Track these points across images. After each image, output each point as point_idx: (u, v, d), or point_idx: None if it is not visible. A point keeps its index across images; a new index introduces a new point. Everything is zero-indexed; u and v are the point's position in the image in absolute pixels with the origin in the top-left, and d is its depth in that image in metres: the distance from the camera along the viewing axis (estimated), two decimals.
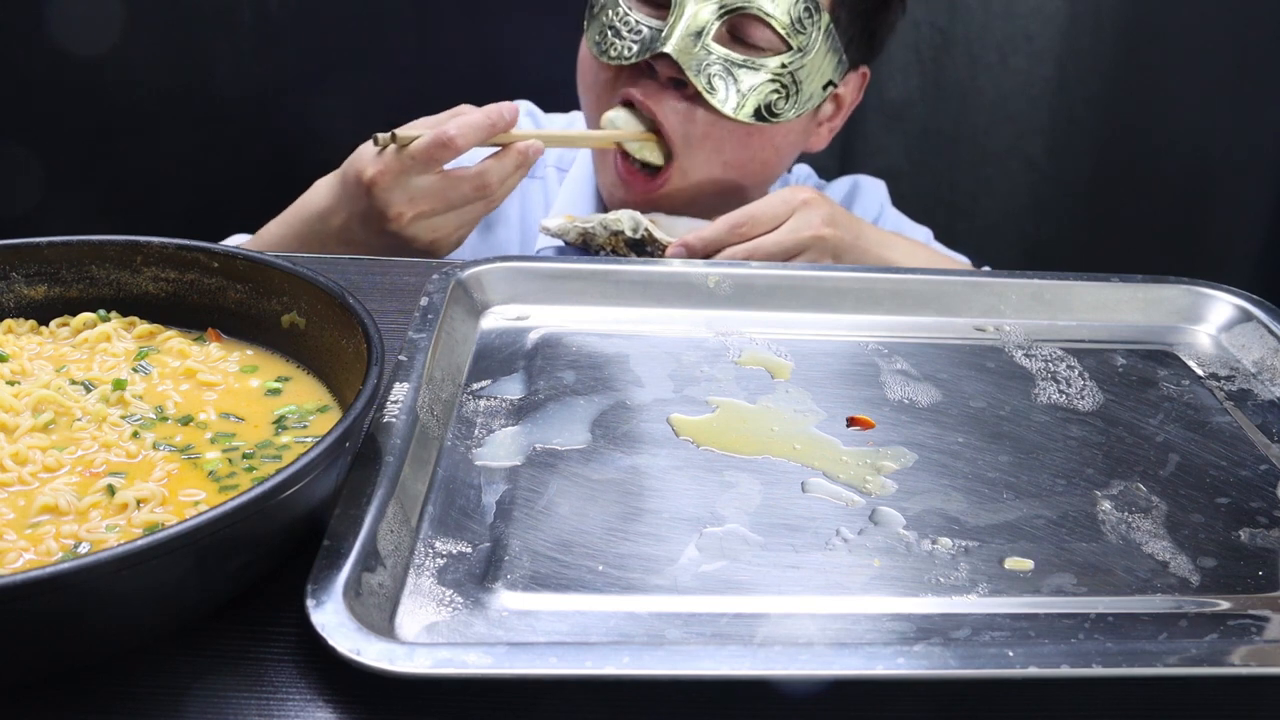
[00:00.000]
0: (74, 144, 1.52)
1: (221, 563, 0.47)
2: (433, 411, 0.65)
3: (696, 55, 0.99)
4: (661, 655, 0.49)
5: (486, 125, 0.92)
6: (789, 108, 1.03)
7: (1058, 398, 0.73)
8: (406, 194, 0.92)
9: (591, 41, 1.06)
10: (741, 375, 0.74)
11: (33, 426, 0.57)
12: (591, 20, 1.07)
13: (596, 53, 1.05)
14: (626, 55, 1.02)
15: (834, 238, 0.98)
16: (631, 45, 1.02)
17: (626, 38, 1.02)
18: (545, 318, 0.79)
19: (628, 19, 1.02)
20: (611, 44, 1.03)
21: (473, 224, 0.97)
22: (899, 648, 0.49)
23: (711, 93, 1.00)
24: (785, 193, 0.99)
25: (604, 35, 1.04)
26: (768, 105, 1.02)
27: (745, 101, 1.01)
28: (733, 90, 1.00)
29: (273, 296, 0.65)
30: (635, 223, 0.96)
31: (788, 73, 1.01)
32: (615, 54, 1.02)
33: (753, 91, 1.01)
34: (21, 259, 0.66)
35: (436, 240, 0.95)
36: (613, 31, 1.03)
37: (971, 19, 1.53)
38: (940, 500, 0.62)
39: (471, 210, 0.95)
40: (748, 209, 0.97)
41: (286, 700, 0.48)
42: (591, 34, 1.06)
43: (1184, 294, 0.83)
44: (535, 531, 0.58)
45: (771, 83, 1.01)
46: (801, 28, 1.01)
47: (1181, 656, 0.49)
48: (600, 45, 1.04)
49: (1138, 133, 1.58)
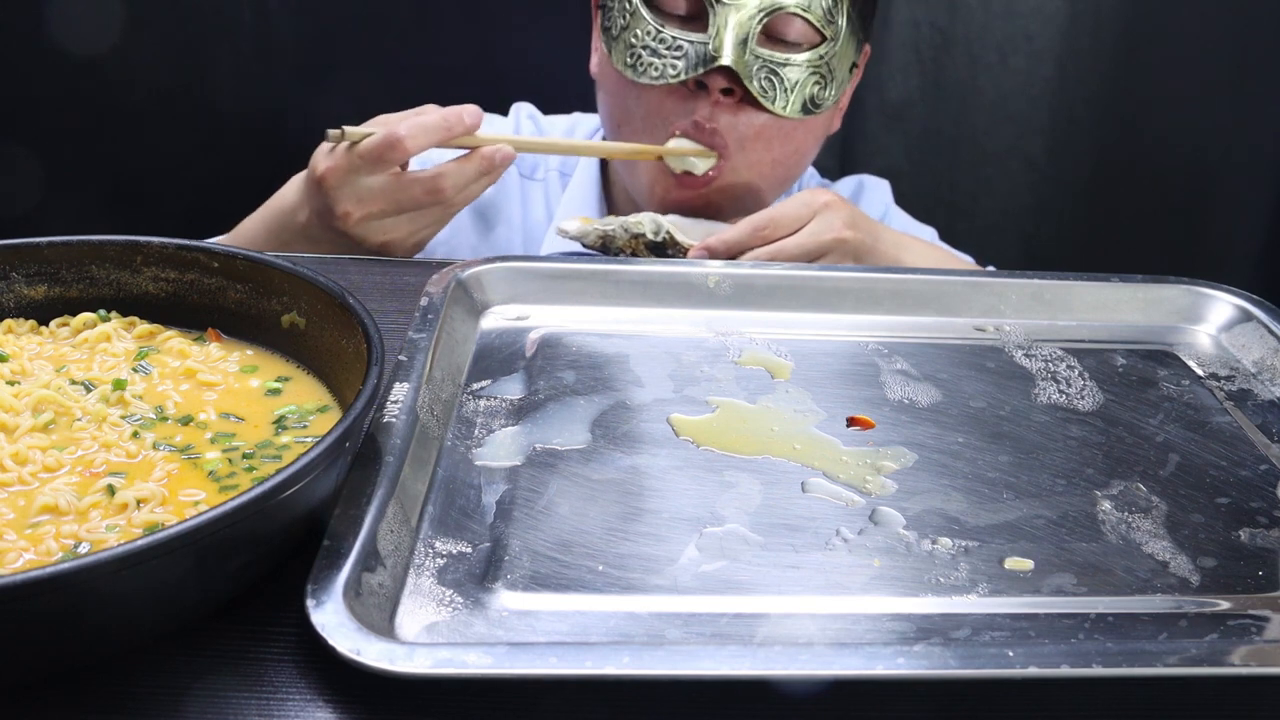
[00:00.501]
0: (74, 144, 1.51)
1: (221, 563, 0.47)
2: (433, 411, 0.65)
3: (747, 62, 0.99)
4: (661, 655, 0.49)
5: (441, 128, 0.90)
6: (828, 96, 1.04)
7: (1058, 398, 0.73)
8: (355, 193, 0.89)
9: (622, 64, 1.03)
10: (741, 375, 0.74)
11: (33, 426, 0.57)
12: (614, 42, 1.04)
13: (633, 75, 1.02)
14: (673, 73, 1.00)
15: (855, 240, 0.98)
16: (675, 63, 1.00)
17: (666, 56, 1.00)
18: (545, 318, 0.79)
19: (662, 36, 1.01)
20: (650, 64, 1.01)
21: (432, 228, 0.94)
22: (899, 648, 0.49)
23: (764, 95, 1.00)
24: (805, 195, 0.99)
25: (637, 57, 1.02)
26: (811, 97, 1.02)
27: (792, 99, 1.01)
28: (780, 89, 1.00)
29: (273, 296, 0.65)
30: (656, 225, 0.95)
31: (824, 63, 1.02)
32: (659, 73, 1.01)
33: (797, 87, 1.01)
34: (21, 259, 0.66)
35: (388, 242, 0.92)
36: (648, 51, 1.01)
37: (971, 19, 1.53)
38: (940, 500, 0.62)
39: (426, 215, 0.92)
40: (769, 212, 0.97)
41: (286, 700, 0.48)
42: (619, 57, 1.03)
43: (1184, 294, 0.83)
44: (535, 531, 0.58)
45: (812, 75, 1.02)
46: (832, 17, 1.02)
47: (1181, 656, 0.49)
48: (636, 67, 1.02)
49: (1138, 133, 1.58)
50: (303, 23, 1.49)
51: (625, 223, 0.96)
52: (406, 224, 0.92)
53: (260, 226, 1.00)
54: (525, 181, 1.21)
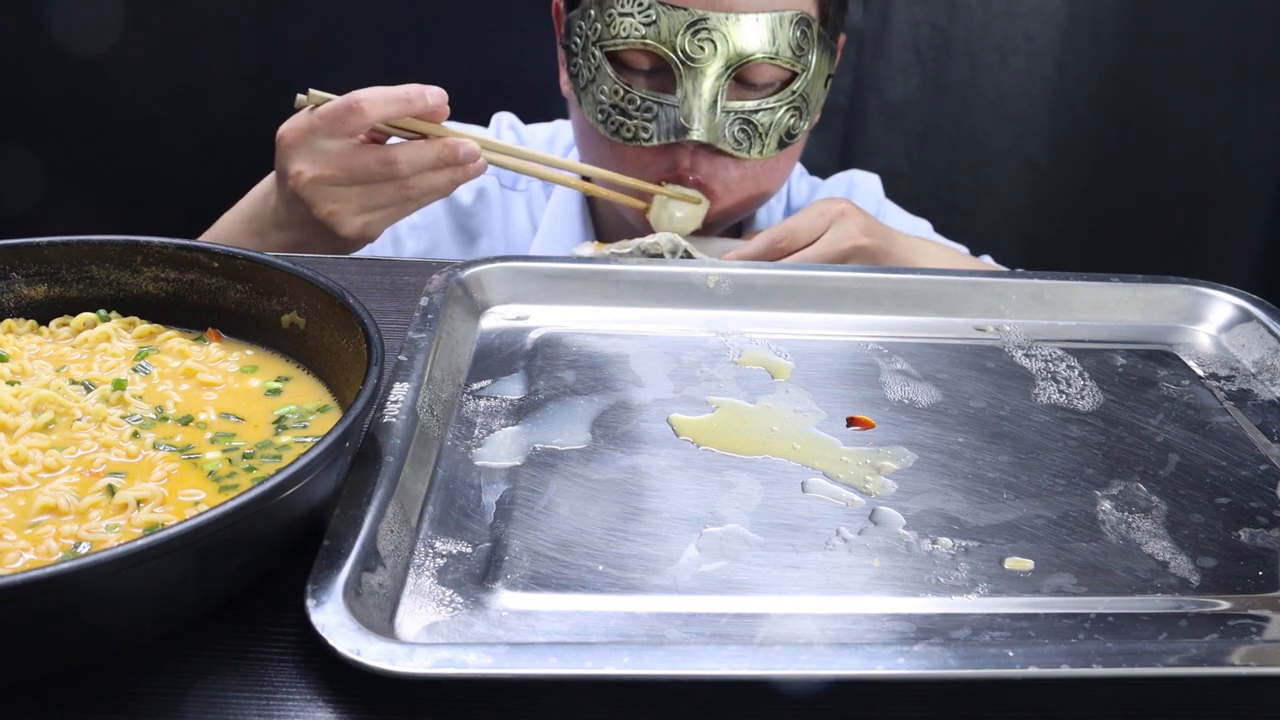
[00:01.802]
0: (74, 144, 1.52)
1: (221, 563, 0.47)
2: (433, 411, 0.65)
3: (718, 124, 0.98)
4: (661, 655, 0.49)
5: (401, 99, 0.87)
6: (804, 123, 1.03)
7: (1058, 398, 0.73)
8: (310, 153, 0.88)
9: (594, 119, 1.02)
10: (741, 375, 0.74)
11: (33, 426, 0.57)
12: (582, 93, 1.03)
13: (605, 132, 1.01)
14: (645, 136, 0.99)
15: (872, 246, 0.98)
16: (647, 126, 0.99)
17: (637, 118, 0.99)
18: (545, 318, 0.79)
19: (630, 97, 0.99)
20: (622, 124, 1.00)
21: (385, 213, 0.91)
22: (899, 648, 0.49)
23: (739, 147, 0.99)
24: (821, 205, 0.99)
25: (607, 115, 1.01)
26: (787, 131, 1.01)
27: (768, 142, 1.00)
28: (755, 137, 1.00)
29: (273, 296, 0.65)
30: (674, 244, 0.94)
31: (798, 95, 1.01)
32: (630, 135, 1.00)
33: (772, 128, 1.00)
34: (21, 259, 0.66)
35: (335, 213, 0.89)
36: (617, 111, 1.00)
37: (971, 19, 1.53)
38: (940, 500, 0.62)
39: (380, 193, 0.89)
40: (786, 225, 0.97)
41: (286, 700, 0.48)
42: (589, 111, 1.02)
43: (1184, 294, 0.83)
44: (535, 531, 0.58)
45: (787, 111, 1.01)
46: (800, 51, 1.00)
47: (1181, 656, 0.49)
48: (608, 124, 1.01)
49: (1138, 133, 1.58)
50: (303, 23, 1.49)
51: (642, 244, 0.94)
52: (358, 197, 0.89)
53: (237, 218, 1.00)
54: (506, 192, 1.21)
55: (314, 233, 0.91)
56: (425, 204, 0.92)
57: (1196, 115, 1.56)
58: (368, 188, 0.89)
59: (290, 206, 0.91)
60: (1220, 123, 1.56)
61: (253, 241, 0.96)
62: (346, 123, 0.86)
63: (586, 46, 1.01)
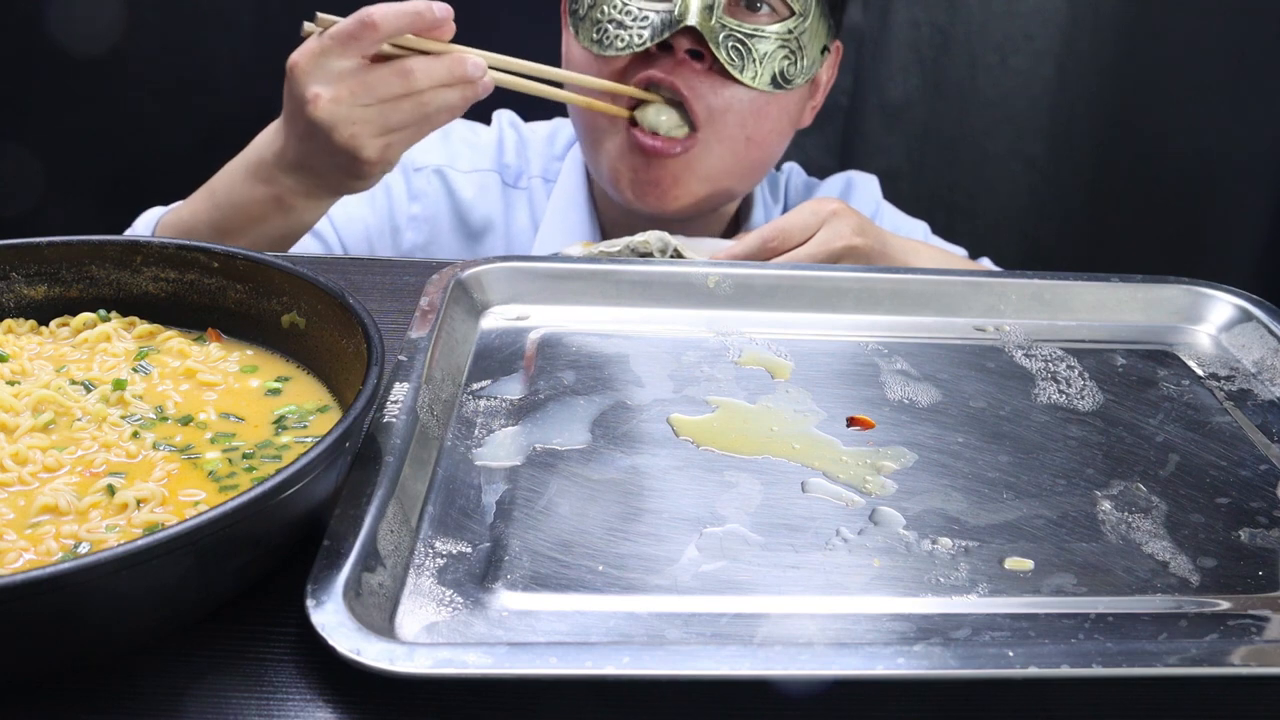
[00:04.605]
0: (74, 144, 1.51)
1: (221, 563, 0.47)
2: (433, 411, 0.65)
3: (714, 27, 1.00)
4: (661, 655, 0.49)
5: (412, 12, 0.86)
6: (798, 73, 1.04)
7: (1058, 398, 0.73)
8: (325, 75, 0.86)
9: (589, 40, 1.05)
10: (741, 375, 0.74)
11: (33, 426, 0.57)
12: (580, 21, 1.06)
13: (598, 50, 1.04)
14: (638, 42, 1.02)
15: (865, 246, 0.98)
16: (641, 32, 1.01)
17: (632, 27, 1.01)
18: (545, 318, 0.79)
19: (628, 9, 1.02)
20: (617, 35, 1.02)
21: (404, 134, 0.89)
22: (899, 648, 0.49)
23: (731, 63, 1.01)
24: (813, 204, 0.99)
25: (603, 31, 1.03)
26: (781, 72, 1.03)
27: (761, 70, 1.02)
28: (749, 60, 1.01)
29: (273, 296, 0.65)
30: (664, 243, 0.94)
31: (794, 38, 1.03)
32: (625, 44, 1.02)
33: (767, 59, 1.02)
34: (21, 259, 0.66)
35: (356, 135, 0.87)
36: (614, 25, 1.02)
37: (971, 19, 1.53)
38: (940, 500, 0.62)
39: (398, 111, 0.87)
40: (777, 223, 0.97)
41: (286, 700, 0.48)
42: (586, 34, 1.05)
43: (1184, 294, 0.83)
44: (535, 531, 0.58)
45: (781, 48, 1.02)
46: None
47: (1181, 656, 0.49)
48: (602, 41, 1.03)
49: (1138, 133, 1.58)
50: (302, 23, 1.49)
51: (632, 243, 0.94)
52: (377, 116, 0.87)
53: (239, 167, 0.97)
54: (508, 190, 1.21)
55: (332, 165, 0.89)
56: (441, 123, 0.91)
57: (1196, 115, 1.56)
58: (386, 105, 0.87)
59: (306, 139, 0.89)
60: (1220, 123, 1.56)
61: (260, 189, 0.93)
62: (361, 39, 0.85)
63: None
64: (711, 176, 1.07)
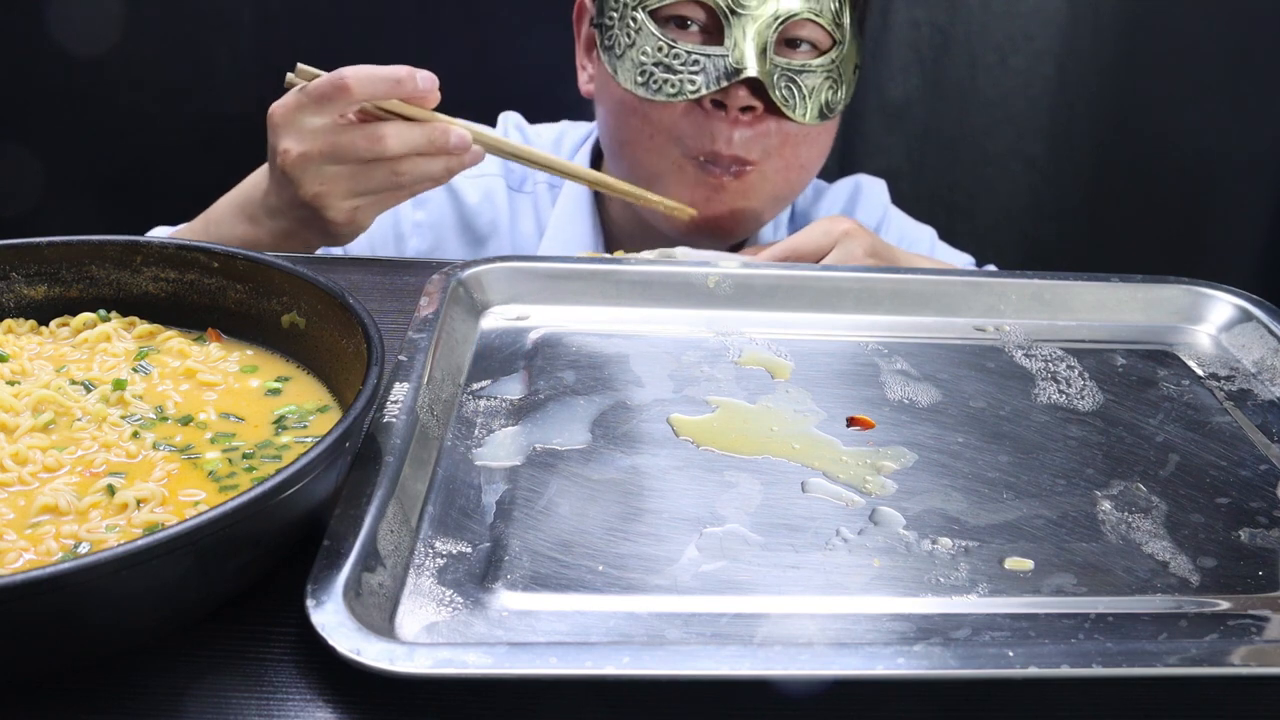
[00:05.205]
0: (74, 144, 1.52)
1: (221, 563, 0.47)
2: (433, 411, 0.65)
3: (769, 71, 0.98)
4: (661, 655, 0.49)
5: (390, 79, 0.84)
6: (839, 100, 1.04)
7: (1058, 398, 0.73)
8: (297, 130, 0.85)
9: (632, 83, 1.01)
10: (741, 375, 0.74)
11: (33, 426, 0.57)
12: (619, 61, 1.02)
13: (646, 93, 1.00)
14: (692, 89, 0.99)
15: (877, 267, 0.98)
16: (694, 78, 0.98)
17: (683, 71, 0.98)
18: (545, 318, 0.79)
19: (676, 52, 0.99)
20: (666, 80, 0.99)
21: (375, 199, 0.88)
22: (899, 648, 0.49)
23: (786, 104, 0.99)
24: (825, 224, 0.98)
25: (649, 74, 1.00)
26: (826, 103, 1.02)
27: (810, 106, 1.01)
28: (799, 97, 1.00)
29: (273, 296, 0.65)
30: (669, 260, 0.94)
31: (835, 67, 1.02)
32: (675, 89, 0.99)
33: (814, 93, 1.01)
34: (21, 259, 0.66)
35: (322, 194, 0.86)
36: (661, 68, 0.99)
37: (971, 19, 1.53)
38: (940, 500, 0.62)
39: (369, 177, 0.86)
40: (789, 243, 0.97)
41: (286, 700, 0.48)
42: (628, 75, 1.01)
43: (1184, 294, 0.83)
44: (535, 531, 0.58)
45: (826, 80, 1.01)
46: (839, 20, 1.02)
47: (1181, 656, 0.49)
48: (650, 85, 1.00)
49: (1138, 133, 1.58)
50: (303, 22, 1.49)
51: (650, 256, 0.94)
52: (347, 179, 0.86)
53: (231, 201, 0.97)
54: (513, 194, 1.19)
55: (303, 219, 0.89)
56: (418, 191, 0.90)
57: (1196, 115, 1.56)
58: (357, 169, 0.86)
59: (281, 189, 0.89)
60: (1220, 123, 1.56)
61: (243, 227, 0.93)
62: (333, 100, 0.84)
63: (625, 14, 1.01)
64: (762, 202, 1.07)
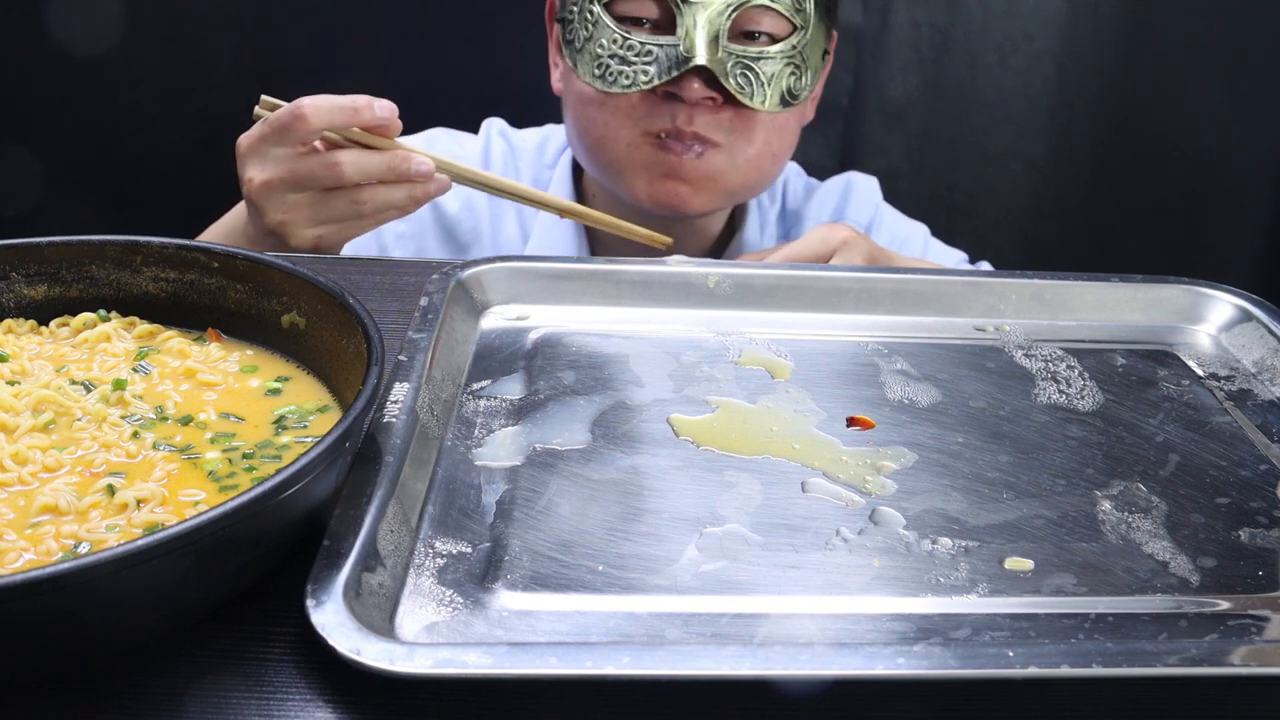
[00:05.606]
0: (74, 144, 1.52)
1: (221, 563, 0.47)
2: (433, 411, 0.65)
3: (721, 59, 0.99)
4: (661, 655, 0.49)
5: (348, 108, 0.85)
6: (804, 86, 1.04)
7: (1058, 398, 0.73)
8: (260, 160, 0.87)
9: (590, 75, 1.02)
10: (741, 375, 0.74)
11: (33, 426, 0.57)
12: (578, 55, 1.03)
13: (602, 86, 1.01)
14: (644, 80, 0.99)
15: None
16: (646, 69, 0.99)
17: (636, 63, 0.99)
18: (545, 318, 0.79)
19: (630, 44, 1.00)
20: (620, 72, 1.00)
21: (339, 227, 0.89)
22: (899, 648, 0.49)
23: (742, 92, 1.00)
24: (824, 231, 0.98)
25: (604, 67, 1.01)
26: (788, 89, 1.02)
27: (770, 93, 1.01)
28: (757, 84, 1.00)
29: (273, 296, 0.65)
30: None
31: (798, 53, 1.02)
32: (630, 81, 1.00)
33: (774, 80, 1.01)
34: (21, 259, 0.66)
35: (285, 222, 0.88)
36: (616, 60, 1.00)
37: (971, 19, 1.53)
38: (940, 500, 0.62)
39: (331, 205, 0.87)
40: (787, 251, 0.97)
41: (286, 700, 0.48)
42: (587, 69, 1.02)
43: (1184, 294, 0.83)
44: (535, 531, 0.58)
45: (787, 66, 1.01)
46: (800, 5, 1.01)
47: (1181, 656, 0.49)
48: (605, 77, 1.01)
49: (1138, 133, 1.58)
50: (303, 23, 1.49)
51: None
52: (309, 207, 0.88)
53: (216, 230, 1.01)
54: (494, 202, 1.19)
55: (273, 248, 0.90)
56: (383, 220, 0.91)
57: (1196, 115, 1.56)
58: (319, 197, 0.87)
59: (252, 218, 0.91)
60: (1220, 123, 1.56)
61: None
62: (292, 129, 0.85)
63: (583, 8, 1.02)
64: (730, 188, 1.08)
